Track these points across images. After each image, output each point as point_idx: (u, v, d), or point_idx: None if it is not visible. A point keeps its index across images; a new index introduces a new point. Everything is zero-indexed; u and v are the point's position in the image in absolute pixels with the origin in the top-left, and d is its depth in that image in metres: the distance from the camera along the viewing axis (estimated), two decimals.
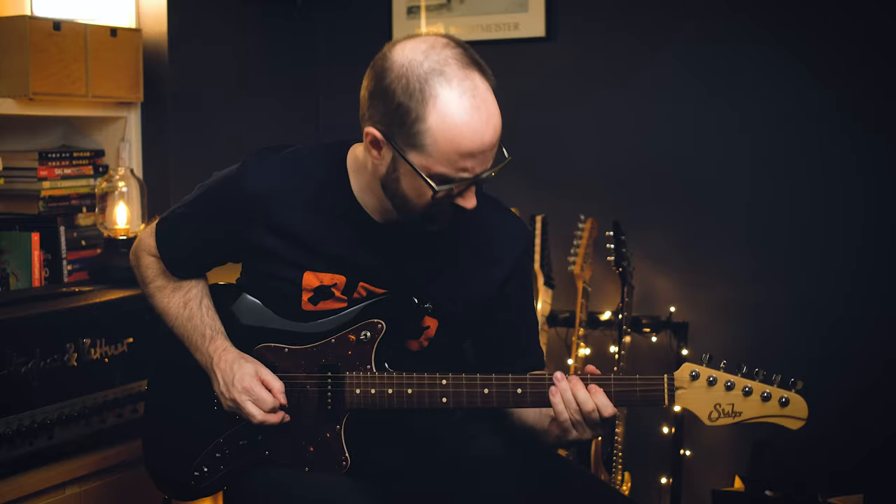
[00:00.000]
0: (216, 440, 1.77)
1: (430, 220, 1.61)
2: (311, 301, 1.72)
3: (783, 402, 1.52)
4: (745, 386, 1.53)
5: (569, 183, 3.18)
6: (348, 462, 1.68)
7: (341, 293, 1.72)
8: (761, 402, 1.53)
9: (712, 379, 1.54)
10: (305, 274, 1.71)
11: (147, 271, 1.88)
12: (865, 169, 2.83)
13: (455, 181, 1.53)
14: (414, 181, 1.55)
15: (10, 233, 2.61)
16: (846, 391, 2.85)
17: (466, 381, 1.62)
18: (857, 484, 2.80)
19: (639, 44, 3.07)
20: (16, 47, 2.40)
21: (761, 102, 2.93)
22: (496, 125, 1.53)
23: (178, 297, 1.83)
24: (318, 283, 1.71)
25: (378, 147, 1.57)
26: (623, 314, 2.82)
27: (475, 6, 3.21)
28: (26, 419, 2.16)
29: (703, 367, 1.56)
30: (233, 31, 3.14)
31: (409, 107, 1.49)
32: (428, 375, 1.64)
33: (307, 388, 1.71)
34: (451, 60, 1.52)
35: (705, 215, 3.02)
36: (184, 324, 1.81)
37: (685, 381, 1.55)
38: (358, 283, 1.71)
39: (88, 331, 2.31)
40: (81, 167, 2.75)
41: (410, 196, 1.57)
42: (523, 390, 1.61)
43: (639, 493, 2.96)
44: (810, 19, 2.86)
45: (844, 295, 2.86)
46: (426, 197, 1.55)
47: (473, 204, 1.58)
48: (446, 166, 1.51)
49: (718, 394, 1.54)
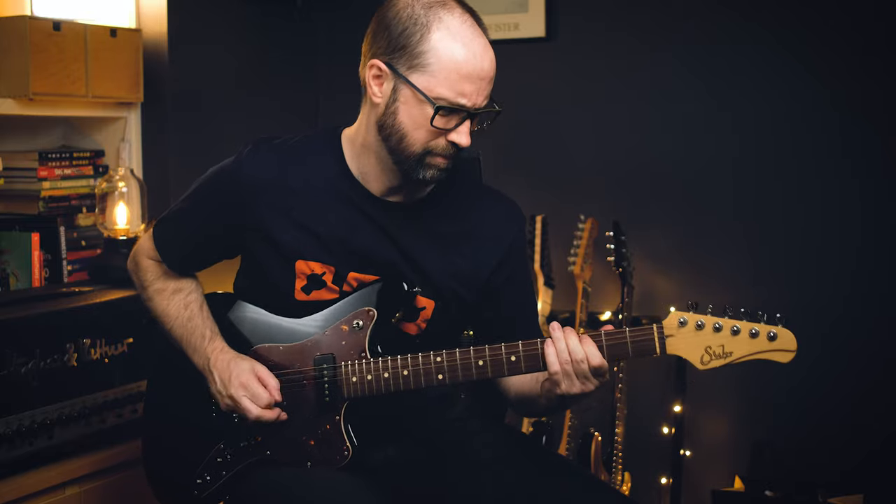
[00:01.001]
0: (217, 446, 1.77)
1: (425, 164, 1.64)
2: (303, 290, 1.74)
3: (771, 337, 1.54)
4: (732, 326, 1.55)
5: (569, 183, 3.18)
6: (350, 451, 1.68)
7: (332, 283, 1.74)
8: (750, 340, 1.55)
9: (700, 323, 1.57)
10: (298, 262, 1.73)
11: (146, 274, 1.88)
12: (865, 169, 2.83)
13: (453, 106, 1.59)
14: (412, 109, 1.61)
15: (10, 233, 2.61)
16: (846, 391, 2.85)
17: (461, 355, 1.64)
18: (857, 484, 2.80)
19: (639, 44, 3.07)
20: (16, 47, 2.40)
21: (760, 103, 2.93)
22: (493, 59, 1.63)
23: (178, 299, 1.84)
24: (311, 272, 1.73)
25: (380, 80, 1.64)
26: (623, 314, 2.82)
27: (475, 6, 3.17)
28: (26, 419, 2.16)
29: (691, 314, 1.58)
30: (233, 31, 3.14)
31: (413, 29, 1.60)
32: (422, 355, 1.65)
33: (303, 382, 1.72)
34: (451, 1, 1.65)
35: (705, 215, 3.02)
36: (183, 324, 1.81)
37: (674, 328, 1.58)
38: (348, 273, 1.73)
39: (88, 331, 2.31)
40: (81, 167, 2.75)
41: (408, 128, 1.62)
42: (517, 357, 1.62)
43: (639, 493, 2.96)
44: (810, 20, 2.86)
45: (844, 295, 2.86)
46: (424, 128, 1.60)
47: (467, 141, 1.63)
48: (446, 88, 1.58)
49: (708, 337, 1.57)
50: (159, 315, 1.86)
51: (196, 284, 1.87)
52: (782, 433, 2.95)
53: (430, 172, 1.66)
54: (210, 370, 1.75)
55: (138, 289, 1.92)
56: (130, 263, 1.92)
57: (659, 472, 2.98)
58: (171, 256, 1.85)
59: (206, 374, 1.76)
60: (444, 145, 1.63)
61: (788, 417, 2.93)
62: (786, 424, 2.94)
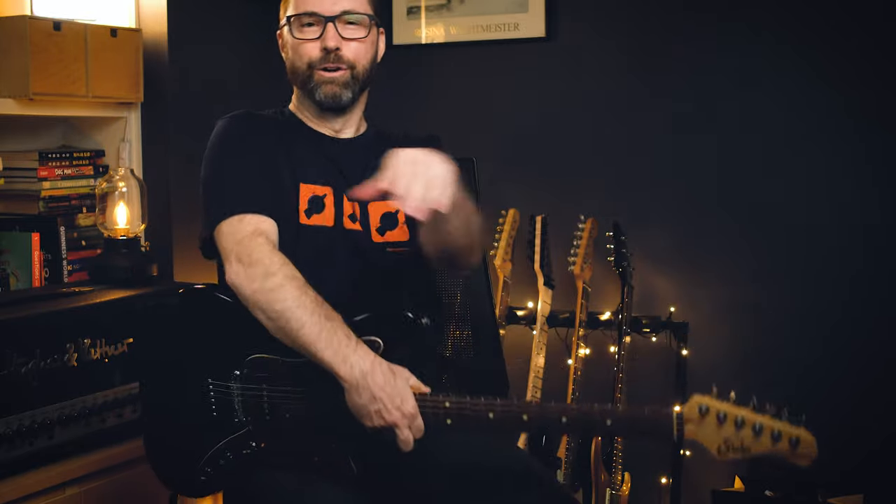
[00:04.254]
0: (218, 445, 1.74)
1: (315, 83, 1.84)
2: (306, 213, 1.81)
3: (793, 443, 1.51)
4: (755, 423, 1.51)
5: (569, 183, 3.18)
6: (355, 471, 1.67)
7: (333, 206, 1.83)
8: (771, 442, 1.51)
9: (722, 416, 1.52)
10: (301, 185, 1.82)
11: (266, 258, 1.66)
12: (865, 169, 2.83)
13: (301, 13, 1.83)
14: (287, 40, 1.88)
15: (10, 233, 2.61)
16: (846, 391, 2.85)
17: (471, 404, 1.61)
18: (857, 484, 2.80)
19: (638, 44, 3.07)
20: (16, 47, 2.40)
21: (761, 102, 2.93)
22: None
23: (311, 291, 1.64)
24: (311, 194, 1.82)
25: (281, 42, 1.92)
26: (623, 314, 2.82)
27: (475, 6, 3.21)
28: (26, 419, 2.16)
29: (713, 401, 1.53)
30: (233, 31, 3.14)
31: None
32: (431, 397, 1.62)
33: (309, 401, 1.69)
34: None
35: (705, 215, 3.02)
36: (320, 321, 1.61)
37: (694, 416, 1.53)
38: (342, 196, 1.84)
39: (88, 331, 2.31)
40: (81, 167, 2.75)
41: (291, 58, 1.88)
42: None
43: (639, 493, 2.96)
44: (812, 20, 2.86)
45: (844, 295, 2.86)
46: (297, 49, 1.85)
47: (332, 43, 1.81)
48: (293, 4, 1.86)
49: (728, 430, 1.52)
50: (291, 307, 1.62)
51: None
52: None
53: (325, 89, 1.84)
54: (359, 381, 1.59)
55: (258, 283, 1.64)
56: (235, 269, 1.67)
57: (659, 472, 2.98)
58: (264, 202, 1.74)
59: (352, 384, 1.60)
60: (318, 54, 1.83)
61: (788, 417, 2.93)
62: None
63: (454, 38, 3.23)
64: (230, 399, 1.74)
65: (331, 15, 1.82)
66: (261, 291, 1.64)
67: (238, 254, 1.68)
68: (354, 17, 1.84)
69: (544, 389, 2.85)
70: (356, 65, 1.85)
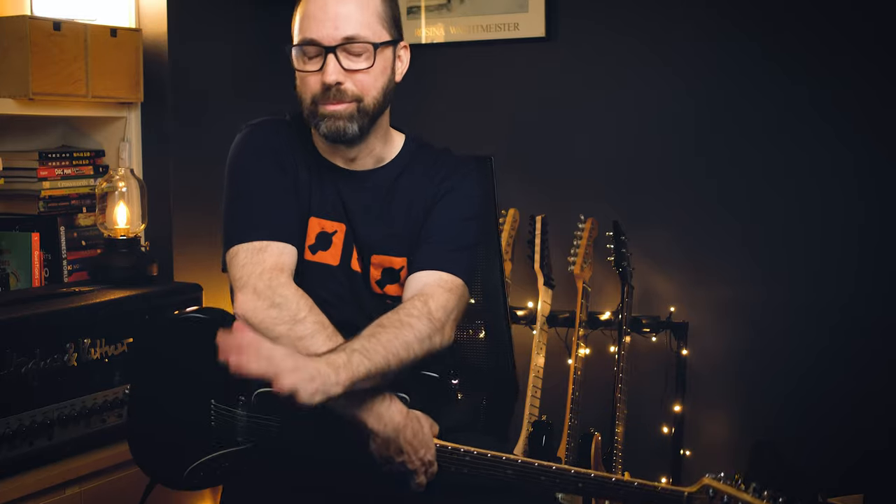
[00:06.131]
0: (215, 453, 1.67)
1: (318, 117, 1.69)
2: (311, 249, 1.74)
3: None
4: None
5: (569, 183, 3.18)
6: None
7: (342, 244, 1.75)
8: None
9: (727, 499, 1.61)
10: (311, 219, 1.75)
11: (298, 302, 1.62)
12: (866, 168, 2.83)
13: (302, 43, 1.68)
14: (297, 75, 1.72)
15: (10, 233, 2.61)
16: (846, 391, 2.85)
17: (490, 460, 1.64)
18: (857, 484, 2.80)
19: (638, 43, 3.07)
20: (16, 47, 2.40)
21: (761, 103, 2.93)
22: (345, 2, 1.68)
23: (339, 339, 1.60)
24: (320, 230, 1.74)
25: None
26: (623, 314, 2.82)
27: (475, 6, 3.21)
28: (26, 419, 2.16)
29: (721, 485, 1.61)
30: (233, 31, 3.14)
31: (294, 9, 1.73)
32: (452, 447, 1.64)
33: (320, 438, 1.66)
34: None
35: (705, 215, 3.02)
36: None
37: (703, 499, 1.61)
38: (353, 236, 1.75)
39: (88, 331, 2.31)
40: (81, 167, 2.75)
41: (300, 91, 1.72)
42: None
43: None
44: (812, 20, 2.86)
45: (844, 295, 2.86)
46: (305, 83, 1.70)
47: (332, 78, 1.66)
48: (297, 32, 1.70)
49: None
50: None
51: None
52: (782, 433, 2.95)
53: (327, 123, 1.69)
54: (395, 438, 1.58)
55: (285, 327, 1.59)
56: (252, 305, 1.61)
57: (659, 472, 2.98)
58: (290, 230, 1.70)
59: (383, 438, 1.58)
60: (319, 88, 1.68)
61: (788, 417, 2.93)
62: (786, 424, 2.94)
63: (454, 38, 3.23)
64: (232, 422, 1.67)
65: (331, 44, 1.66)
66: (288, 338, 1.58)
67: (257, 288, 1.62)
68: (359, 47, 1.67)
69: (544, 389, 2.85)
70: (363, 97, 1.69)
